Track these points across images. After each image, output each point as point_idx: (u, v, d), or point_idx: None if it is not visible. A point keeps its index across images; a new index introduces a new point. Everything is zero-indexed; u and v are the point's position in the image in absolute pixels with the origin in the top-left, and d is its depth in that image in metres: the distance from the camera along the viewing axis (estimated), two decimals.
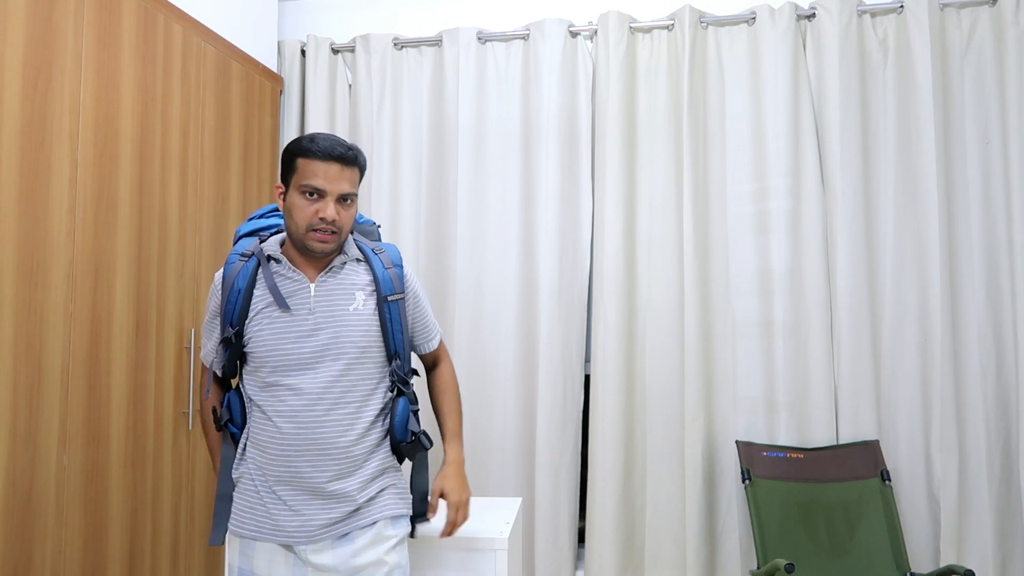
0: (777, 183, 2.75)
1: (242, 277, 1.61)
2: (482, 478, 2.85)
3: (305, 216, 1.54)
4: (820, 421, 2.66)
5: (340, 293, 1.60)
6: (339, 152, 1.54)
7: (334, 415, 1.56)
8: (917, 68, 2.70)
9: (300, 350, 1.56)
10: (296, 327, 1.57)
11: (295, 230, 1.57)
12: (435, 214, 2.99)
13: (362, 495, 1.58)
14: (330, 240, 1.56)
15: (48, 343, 1.81)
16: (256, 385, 1.62)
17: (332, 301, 1.60)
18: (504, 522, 1.96)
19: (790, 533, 2.50)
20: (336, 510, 1.56)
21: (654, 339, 2.77)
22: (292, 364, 1.56)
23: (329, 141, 1.54)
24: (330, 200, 1.54)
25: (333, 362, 1.57)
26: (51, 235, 1.83)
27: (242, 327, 1.60)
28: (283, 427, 1.55)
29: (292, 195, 1.56)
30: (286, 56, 3.08)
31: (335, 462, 1.55)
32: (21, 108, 1.75)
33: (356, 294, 1.61)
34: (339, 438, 1.55)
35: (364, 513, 1.58)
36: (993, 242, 2.66)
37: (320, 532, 1.56)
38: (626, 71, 2.86)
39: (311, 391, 1.55)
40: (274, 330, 1.58)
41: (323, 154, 1.53)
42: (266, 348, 1.57)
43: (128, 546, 2.08)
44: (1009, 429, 2.62)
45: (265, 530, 1.57)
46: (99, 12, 2.01)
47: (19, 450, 1.73)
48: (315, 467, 1.55)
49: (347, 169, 1.55)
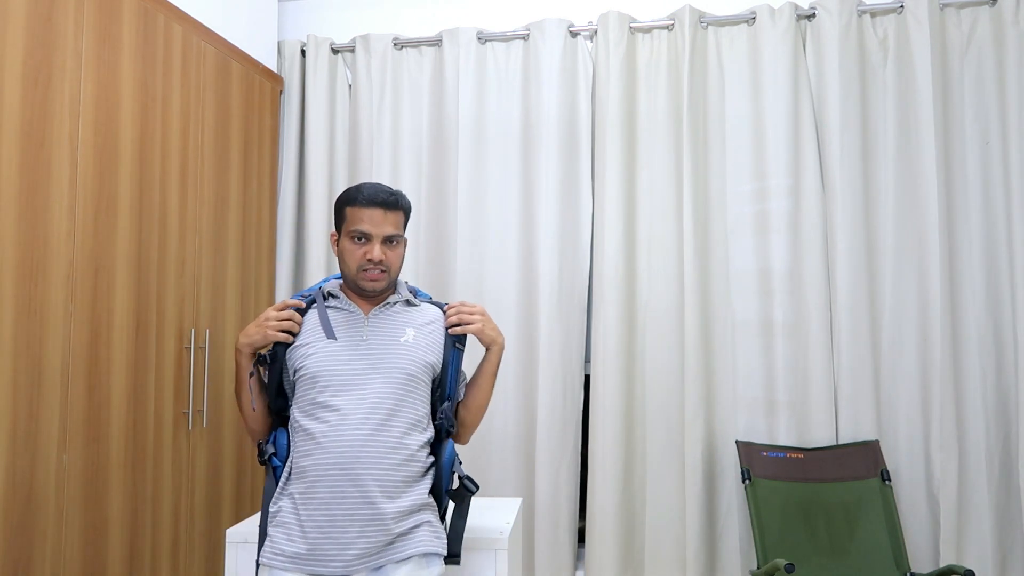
0: (777, 183, 2.76)
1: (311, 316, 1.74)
2: (482, 478, 2.85)
3: (355, 258, 1.69)
4: (820, 421, 2.66)
5: (392, 326, 1.72)
6: (382, 198, 1.68)
7: (380, 436, 1.60)
8: (917, 68, 2.70)
9: (351, 369, 1.64)
10: (348, 351, 1.66)
11: (348, 272, 1.72)
12: (435, 214, 2.99)
13: (398, 526, 1.59)
14: (380, 279, 1.70)
15: (48, 343, 1.81)
16: (302, 407, 1.65)
17: (383, 331, 1.71)
18: (504, 522, 1.96)
19: (790, 533, 2.50)
20: (372, 537, 1.57)
21: (654, 339, 2.77)
22: (341, 384, 1.63)
23: (373, 189, 1.69)
24: (376, 242, 1.68)
25: (383, 384, 1.63)
26: (51, 235, 1.83)
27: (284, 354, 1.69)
28: (327, 445, 1.58)
29: (343, 241, 1.72)
30: (286, 56, 3.08)
31: (377, 482, 1.57)
32: (21, 108, 1.75)
33: (407, 329, 1.72)
34: (382, 459, 1.59)
35: (399, 547, 1.59)
36: (993, 242, 2.66)
37: (355, 561, 1.56)
38: (626, 71, 2.86)
39: (357, 410, 1.60)
40: (327, 352, 1.66)
41: (367, 201, 1.68)
42: (318, 368, 1.64)
43: (128, 546, 2.08)
44: (1009, 429, 2.62)
45: (300, 561, 1.57)
46: (99, 12, 2.01)
47: (19, 450, 1.73)
48: (356, 485, 1.56)
49: (391, 213, 1.69)
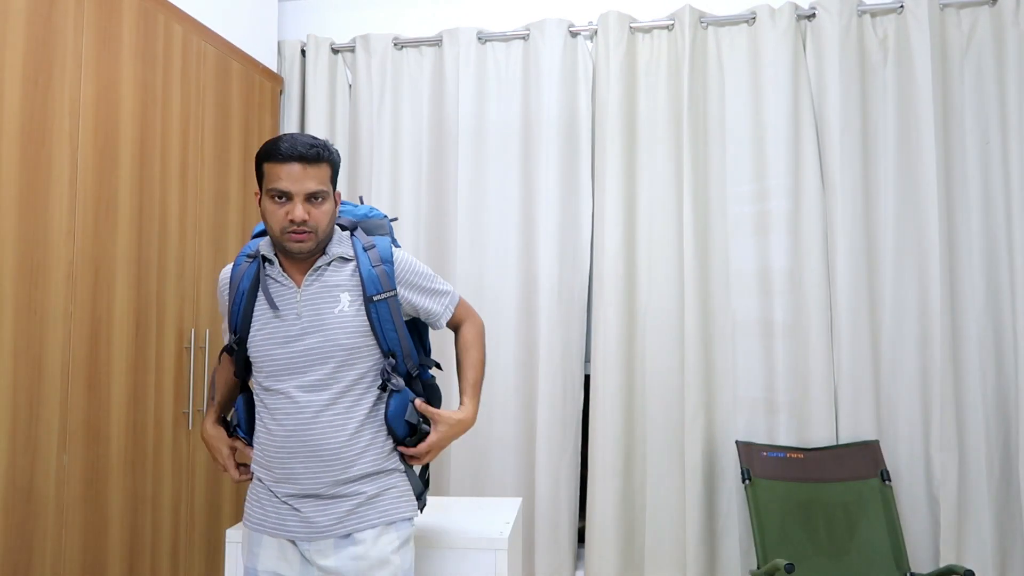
0: (777, 183, 2.76)
1: (247, 278, 1.62)
2: (482, 478, 2.85)
3: (277, 219, 1.54)
4: (820, 421, 2.66)
5: (325, 295, 1.59)
6: (300, 151, 1.50)
7: (324, 417, 1.56)
8: (917, 68, 2.70)
9: (289, 354, 1.57)
10: (284, 331, 1.58)
11: (272, 234, 1.57)
12: (435, 214, 2.99)
13: (360, 495, 1.57)
14: (306, 239, 1.55)
15: (48, 343, 1.81)
16: (258, 388, 1.64)
17: (317, 305, 1.58)
18: (504, 522, 1.96)
19: (790, 533, 2.50)
20: (333, 510, 1.56)
21: (654, 339, 2.78)
22: (282, 368, 1.57)
23: (290, 141, 1.51)
24: (297, 201, 1.51)
25: (321, 366, 1.56)
26: (51, 235, 1.83)
27: (245, 334, 1.61)
28: (275, 431, 1.57)
29: (264, 201, 1.55)
30: (286, 56, 3.08)
31: (327, 464, 1.55)
32: (21, 108, 1.75)
33: (341, 296, 1.59)
34: (329, 440, 1.55)
35: (364, 515, 1.57)
36: (993, 242, 2.66)
37: (319, 530, 1.56)
38: (626, 71, 2.86)
39: (300, 395, 1.56)
40: (265, 334, 1.59)
41: (284, 155, 1.50)
42: (259, 353, 1.59)
43: (128, 546, 2.08)
44: (1009, 429, 2.62)
45: (268, 524, 1.59)
46: (99, 12, 2.01)
47: (19, 450, 1.73)
48: (308, 469, 1.55)
49: (311, 167, 1.52)
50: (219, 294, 1.72)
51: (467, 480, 2.85)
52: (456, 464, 2.87)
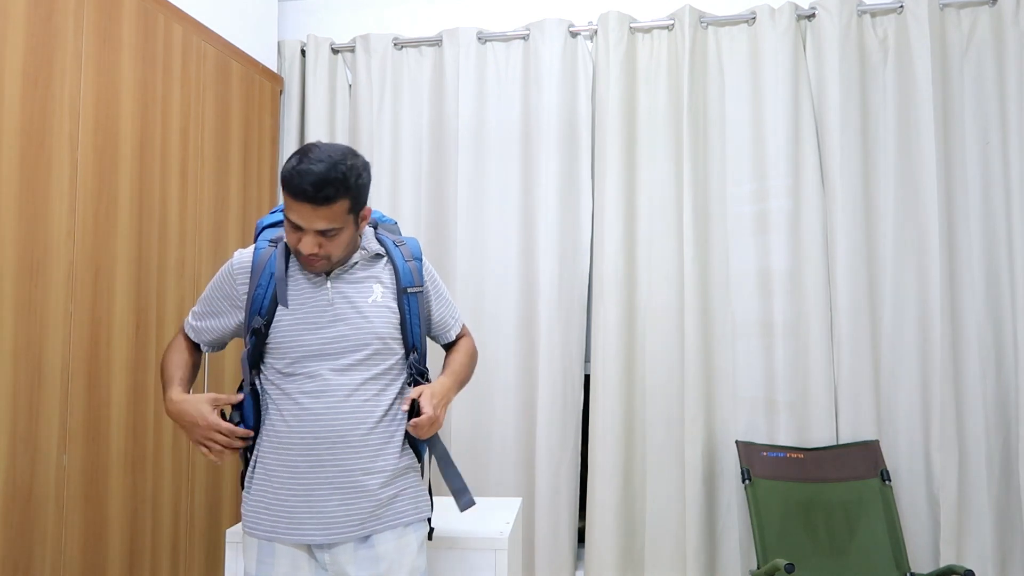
0: (777, 183, 2.76)
1: (272, 264, 1.61)
2: (482, 478, 2.85)
3: (292, 242, 1.55)
4: (820, 421, 2.66)
5: (358, 285, 1.61)
6: (309, 193, 1.45)
7: (351, 403, 1.56)
8: (917, 68, 2.70)
9: (320, 340, 1.57)
10: (315, 318, 1.58)
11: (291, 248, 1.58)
12: (435, 214, 2.99)
13: (383, 492, 1.56)
14: (318, 264, 1.56)
15: (48, 343, 1.81)
16: (273, 374, 1.60)
17: (348, 295, 1.60)
18: (504, 522, 1.96)
19: (790, 533, 2.50)
20: (355, 505, 1.54)
21: (654, 339, 2.77)
22: (312, 354, 1.57)
23: (302, 177, 1.45)
24: (308, 234, 1.51)
25: (354, 352, 1.57)
26: (51, 235, 1.83)
27: (272, 317, 1.59)
28: (298, 415, 1.55)
29: (285, 219, 1.54)
30: (286, 56, 3.08)
31: (353, 450, 1.55)
32: (21, 108, 1.75)
33: (374, 287, 1.62)
34: (357, 427, 1.55)
35: (383, 517, 1.57)
36: (993, 242, 2.66)
37: (340, 529, 1.53)
38: (626, 71, 2.86)
39: (333, 377, 1.56)
40: (295, 319, 1.58)
41: (295, 193, 1.47)
42: (285, 338, 1.58)
43: (128, 546, 2.08)
44: (1009, 429, 2.62)
45: (280, 529, 1.55)
46: (99, 12, 2.01)
47: (19, 450, 1.73)
48: (334, 455, 1.54)
49: (322, 208, 1.47)
50: (226, 275, 1.66)
51: (467, 480, 2.85)
52: (456, 464, 2.86)
